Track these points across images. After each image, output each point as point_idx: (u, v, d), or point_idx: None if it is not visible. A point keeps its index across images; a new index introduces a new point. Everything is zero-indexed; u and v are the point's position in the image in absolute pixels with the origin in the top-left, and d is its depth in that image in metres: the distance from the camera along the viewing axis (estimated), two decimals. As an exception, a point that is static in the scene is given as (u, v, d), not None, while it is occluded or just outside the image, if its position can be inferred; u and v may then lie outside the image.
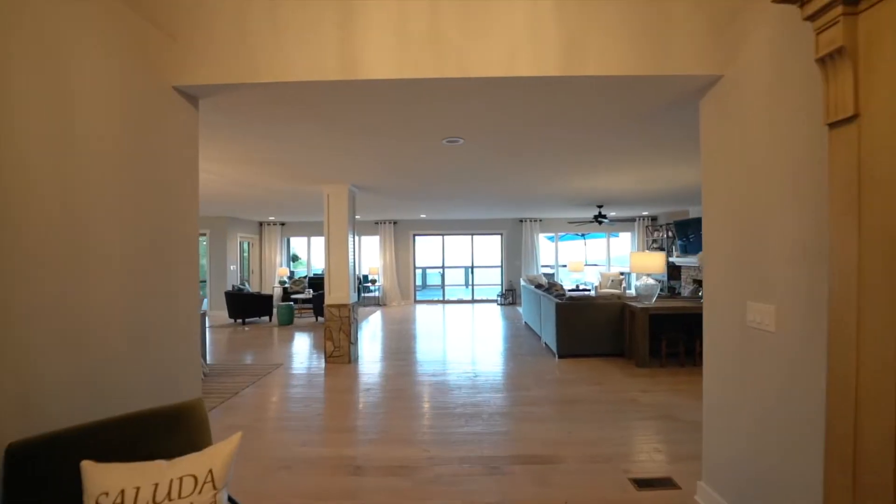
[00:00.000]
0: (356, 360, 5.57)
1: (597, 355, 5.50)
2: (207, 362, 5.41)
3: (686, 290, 9.09)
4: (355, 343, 5.56)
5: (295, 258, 14.70)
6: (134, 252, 1.86)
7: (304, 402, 4.05)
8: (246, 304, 8.45)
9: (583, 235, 16.35)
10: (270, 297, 8.74)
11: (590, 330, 5.46)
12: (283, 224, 11.51)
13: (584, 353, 5.49)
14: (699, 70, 2.08)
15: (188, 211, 2.24)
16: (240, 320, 8.58)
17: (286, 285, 10.86)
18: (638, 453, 2.93)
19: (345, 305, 5.37)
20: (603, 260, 17.25)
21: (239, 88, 2.23)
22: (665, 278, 9.78)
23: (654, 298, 5.22)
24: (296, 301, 9.75)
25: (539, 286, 7.83)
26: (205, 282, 10.16)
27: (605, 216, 8.04)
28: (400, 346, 6.42)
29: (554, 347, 5.57)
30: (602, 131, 3.19)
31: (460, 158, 4.01)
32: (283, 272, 11.36)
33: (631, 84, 2.22)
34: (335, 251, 5.40)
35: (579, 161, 4.23)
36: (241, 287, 8.76)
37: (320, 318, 8.51)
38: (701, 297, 5.23)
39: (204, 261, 10.00)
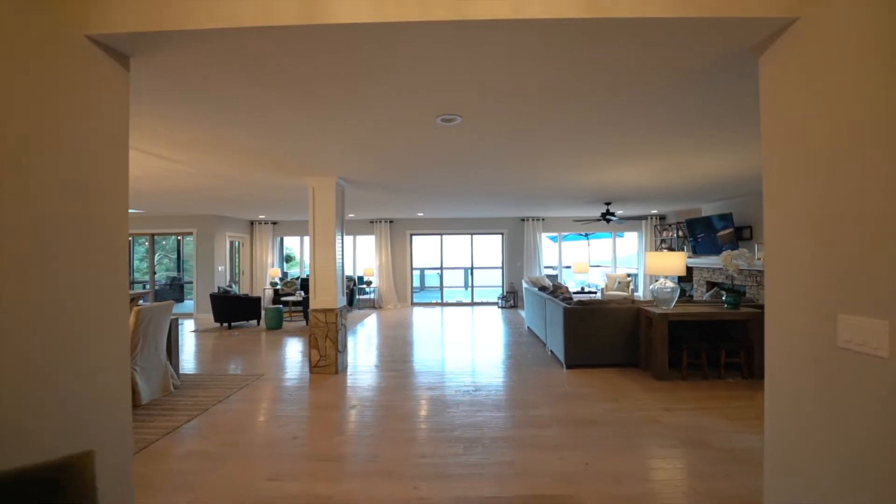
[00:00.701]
0: (344, 369, 5.08)
1: (609, 366, 5.00)
2: (180, 372, 4.92)
3: (699, 292, 8.60)
4: (343, 351, 5.07)
5: (289, 258, 14.23)
6: (31, 254, 1.38)
7: (281, 422, 3.56)
8: (233, 307, 7.97)
9: (586, 236, 15.87)
10: (259, 299, 8.25)
11: (601, 338, 4.96)
12: (275, 223, 11.03)
13: (594, 364, 4.99)
14: (765, 11, 1.59)
15: (113, 199, 1.74)
16: (226, 324, 8.09)
17: (277, 287, 10.38)
18: (672, 493, 2.43)
19: (331, 310, 4.88)
20: (607, 261, 16.72)
21: (175, 39, 1.75)
22: (675, 280, 9.29)
23: (674, 303, 4.72)
24: (286, 304, 9.27)
25: (542, 288, 7.36)
26: (191, 283, 9.68)
27: (613, 214, 7.55)
28: (394, 354, 5.93)
29: (561, 357, 5.08)
30: (626, 105, 2.71)
31: (458, 145, 3.53)
32: (274, 273, 10.88)
33: (672, 31, 1.73)
34: (321, 250, 4.91)
35: (595, 147, 3.74)
36: (228, 289, 8.28)
37: (311, 323, 8.03)
38: (726, 302, 4.74)
39: (191, 261, 9.51)
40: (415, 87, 2.34)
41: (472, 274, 11.46)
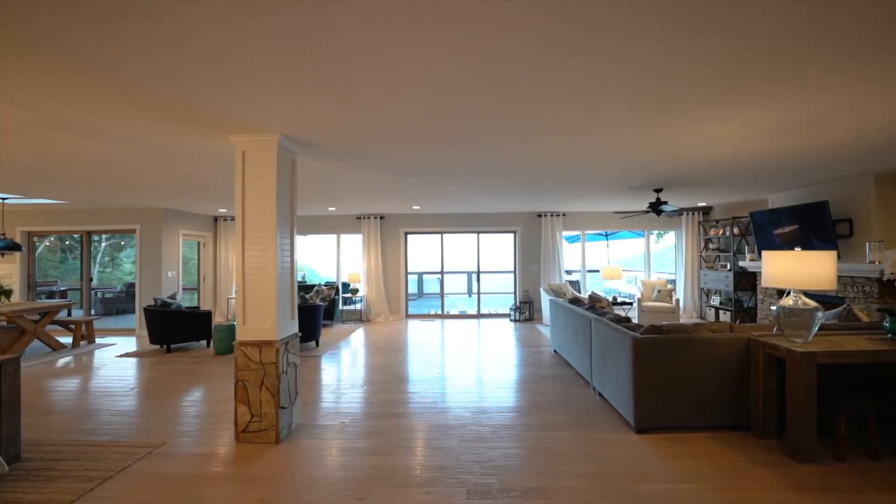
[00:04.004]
0: (291, 433, 3.29)
1: (704, 428, 3.23)
2: (27, 440, 3.16)
3: (766, 304, 6.82)
4: (289, 407, 3.28)
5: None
6: None
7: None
8: (173, 325, 6.18)
9: (606, 236, 14.12)
10: (208, 314, 6.47)
11: (691, 385, 3.20)
12: (243, 219, 9.25)
13: (682, 426, 3.22)
14: None
15: None
16: (165, 346, 6.29)
17: (244, 296, 8.58)
18: None
19: (269, 344, 3.11)
20: (626, 261, 14.93)
21: None
22: (731, 287, 7.54)
23: (813, 333, 2.95)
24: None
25: (575, 301, 5.61)
26: (133, 293, 7.89)
27: (665, 203, 5.79)
28: (375, 398, 4.15)
29: (627, 413, 3.31)
30: None
31: (466, 52, 1.77)
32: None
33: None
34: (254, 249, 3.15)
35: (685, 81, 1.98)
36: (168, 301, 6.50)
37: (275, 344, 6.21)
38: (890, 330, 2.97)
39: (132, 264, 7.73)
40: None
41: (478, 279, 9.69)
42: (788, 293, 3.03)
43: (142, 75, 2.09)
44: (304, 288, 8.81)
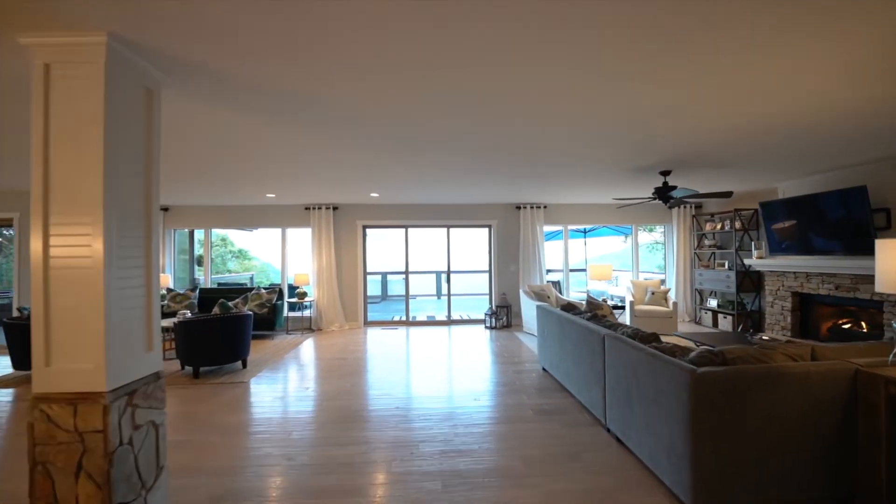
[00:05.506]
0: (148, 541, 1.99)
1: (789, 503, 2.17)
2: None
3: (778, 308, 5.98)
4: (138, 500, 1.97)
5: (200, 260, 10.77)
6: None
7: None
8: (47, 344, 4.64)
9: (584, 233, 13.32)
10: (98, 328, 4.95)
11: (771, 441, 2.13)
12: (165, 209, 7.68)
13: (759, 501, 2.15)
14: None
15: None
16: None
17: (164, 303, 7.06)
18: None
19: (92, 397, 1.79)
20: (604, 259, 14.17)
21: None
22: (733, 288, 6.70)
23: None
24: (165, 332, 5.99)
25: (569, 308, 4.56)
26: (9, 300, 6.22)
27: (674, 187, 4.80)
28: (302, 459, 2.88)
29: (679, 486, 2.20)
30: None
31: None
32: (164, 281, 7.54)
33: None
34: (64, 237, 1.83)
35: None
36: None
37: (204, 370, 4.74)
38: None
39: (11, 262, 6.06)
40: None
41: (448, 280, 8.50)
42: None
43: None
44: (238, 291, 7.36)
